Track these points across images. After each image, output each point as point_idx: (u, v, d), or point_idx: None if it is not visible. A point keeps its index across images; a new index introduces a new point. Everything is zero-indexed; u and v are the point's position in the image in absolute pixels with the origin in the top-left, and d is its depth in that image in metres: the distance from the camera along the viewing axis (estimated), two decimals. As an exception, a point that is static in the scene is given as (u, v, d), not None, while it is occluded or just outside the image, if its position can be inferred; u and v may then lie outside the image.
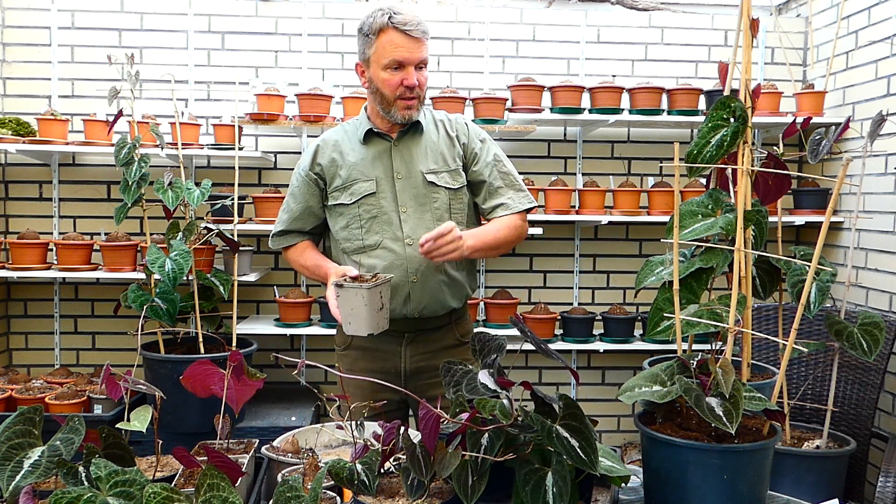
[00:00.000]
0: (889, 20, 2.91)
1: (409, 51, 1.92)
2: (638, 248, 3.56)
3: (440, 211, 2.01)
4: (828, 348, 2.45)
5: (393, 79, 1.94)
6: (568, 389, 3.57)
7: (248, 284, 3.27)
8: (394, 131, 2.04)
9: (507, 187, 2.08)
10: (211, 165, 3.38)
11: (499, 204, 2.07)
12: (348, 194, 2.02)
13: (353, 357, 2.10)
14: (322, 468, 1.17)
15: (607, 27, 3.48)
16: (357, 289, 1.74)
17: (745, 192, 1.33)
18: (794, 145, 3.51)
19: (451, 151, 2.05)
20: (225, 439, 1.46)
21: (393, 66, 1.93)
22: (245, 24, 3.36)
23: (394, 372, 2.06)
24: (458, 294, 2.07)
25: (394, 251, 1.98)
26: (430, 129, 2.07)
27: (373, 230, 2.00)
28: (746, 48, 1.34)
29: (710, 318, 1.32)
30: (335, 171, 2.05)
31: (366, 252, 2.01)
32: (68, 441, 1.16)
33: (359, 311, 1.75)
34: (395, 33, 1.92)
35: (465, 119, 2.14)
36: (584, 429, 1.15)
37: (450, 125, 2.10)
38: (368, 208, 2.00)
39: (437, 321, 2.06)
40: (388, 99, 1.97)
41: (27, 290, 3.36)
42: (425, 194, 2.01)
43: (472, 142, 2.09)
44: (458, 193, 2.04)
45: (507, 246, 2.09)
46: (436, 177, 2.01)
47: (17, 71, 3.29)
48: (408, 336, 2.05)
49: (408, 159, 2.02)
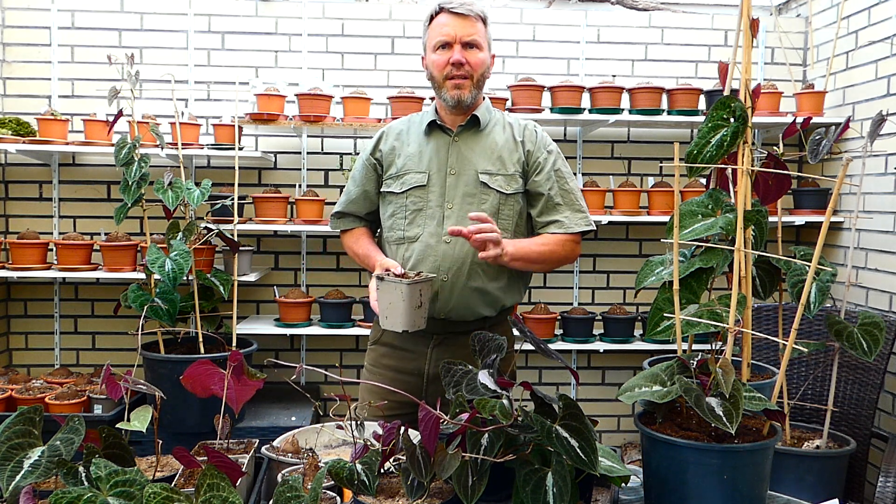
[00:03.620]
0: (889, 20, 2.91)
1: (454, 28, 1.93)
2: (638, 248, 3.56)
3: (486, 213, 1.92)
4: (828, 348, 2.45)
5: (441, 59, 1.94)
6: (568, 389, 3.57)
7: (248, 284, 3.27)
8: (454, 125, 2.01)
9: (565, 205, 2.00)
10: (211, 165, 3.39)
11: (553, 220, 1.99)
12: (399, 183, 2.00)
13: (381, 353, 2.08)
14: (322, 468, 1.17)
15: (607, 27, 3.48)
16: (397, 283, 1.74)
17: (745, 192, 1.33)
18: (794, 145, 3.51)
19: (511, 156, 1.99)
20: (225, 439, 1.45)
21: (440, 46, 1.94)
22: (245, 24, 3.36)
23: (417, 373, 2.02)
24: (490, 302, 1.98)
25: (430, 245, 1.95)
26: (495, 130, 2.03)
27: (415, 223, 1.97)
28: (746, 48, 1.34)
29: (710, 318, 1.32)
30: (393, 159, 2.03)
31: (404, 243, 1.98)
32: (68, 441, 1.16)
33: (396, 306, 1.75)
34: (443, 15, 1.95)
35: (536, 126, 2.07)
36: (583, 429, 1.15)
37: (518, 130, 2.04)
38: (415, 200, 1.98)
39: (466, 326, 1.96)
40: (438, 80, 1.96)
41: (27, 290, 3.36)
42: (475, 194, 1.95)
43: (539, 150, 2.01)
44: (509, 199, 1.97)
45: (553, 263, 2.01)
46: (489, 178, 1.96)
47: (17, 71, 3.29)
48: (436, 338, 2.00)
49: (465, 155, 1.98)
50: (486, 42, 1.99)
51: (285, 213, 3.16)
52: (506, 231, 1.97)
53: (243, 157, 3.15)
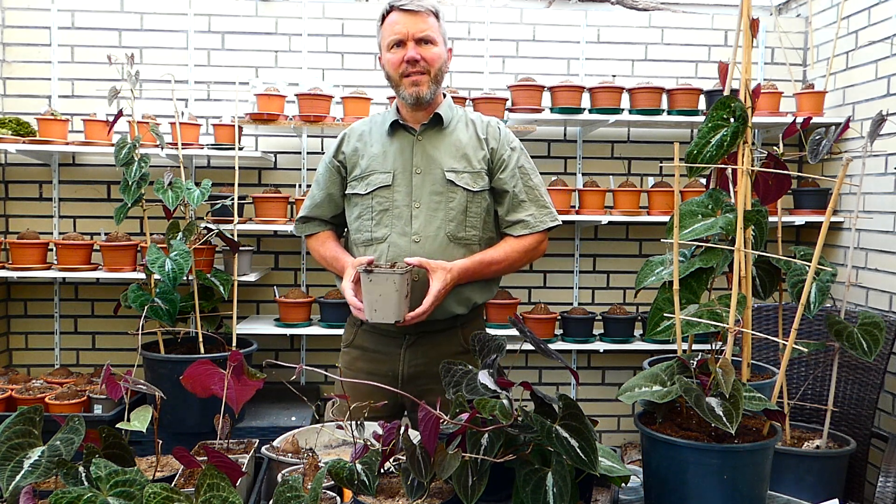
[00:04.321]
0: (889, 20, 2.91)
1: (406, 25, 1.91)
2: (638, 248, 3.56)
3: (455, 211, 1.95)
4: (828, 348, 2.45)
5: (395, 57, 1.93)
6: (568, 389, 3.57)
7: (248, 284, 3.27)
8: (417, 124, 2.00)
9: (530, 202, 2.01)
10: (211, 165, 3.39)
11: (519, 220, 2.00)
12: (364, 184, 1.98)
13: (353, 356, 2.06)
14: (322, 468, 1.17)
15: (607, 27, 3.48)
16: (389, 274, 1.74)
17: (745, 192, 1.33)
18: (794, 145, 3.51)
19: (476, 153, 1.99)
20: (225, 439, 1.45)
21: (394, 44, 1.92)
22: (245, 24, 3.36)
23: (391, 375, 2.00)
24: (462, 301, 1.98)
25: (399, 245, 1.94)
26: (458, 127, 2.02)
27: (382, 223, 1.96)
28: (746, 48, 1.34)
29: (710, 318, 1.32)
30: (356, 160, 2.02)
31: (373, 245, 1.97)
32: (68, 441, 1.16)
33: (388, 298, 1.75)
34: (394, 13, 1.93)
35: (499, 122, 2.07)
36: (583, 429, 1.15)
37: (482, 127, 2.03)
38: (381, 200, 1.96)
39: (439, 325, 1.98)
40: (395, 79, 1.95)
41: (27, 290, 3.36)
42: (442, 192, 1.95)
43: (503, 148, 2.01)
44: (476, 197, 1.97)
45: (510, 270, 2.04)
46: (456, 176, 1.95)
47: (17, 71, 3.29)
48: (409, 339, 1.99)
49: (430, 154, 1.97)
50: (440, 36, 1.97)
51: (285, 213, 3.16)
52: (474, 229, 1.97)
53: (243, 157, 3.15)
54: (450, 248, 1.94)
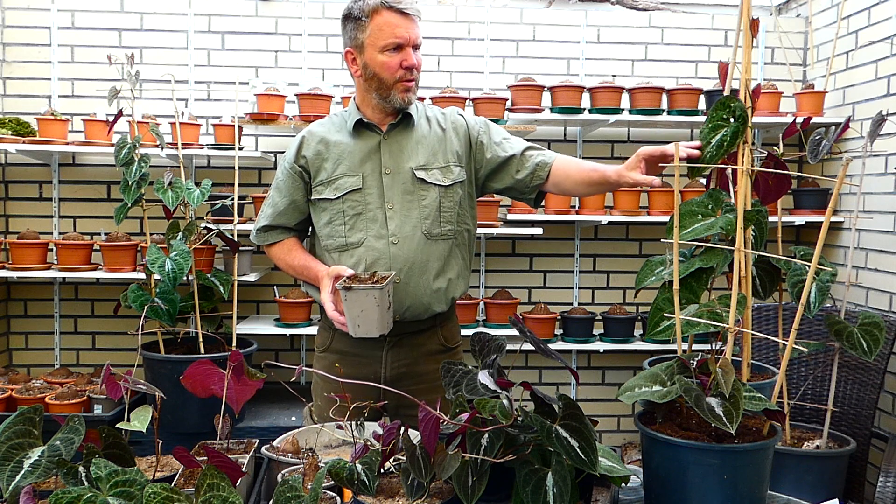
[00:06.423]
0: (889, 20, 2.91)
1: (407, 30, 1.85)
2: (638, 248, 3.56)
3: (428, 209, 1.91)
4: (828, 348, 2.45)
5: (392, 61, 1.85)
6: (568, 389, 3.57)
7: (248, 284, 3.27)
8: (384, 124, 1.95)
9: (531, 148, 1.98)
10: (211, 165, 3.39)
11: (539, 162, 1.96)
12: (333, 189, 1.91)
13: (332, 360, 1.99)
14: (322, 468, 1.17)
15: (607, 27, 3.48)
16: (369, 290, 1.66)
17: (745, 192, 1.33)
18: (794, 145, 3.51)
19: (442, 146, 1.95)
20: (225, 439, 1.46)
21: (392, 48, 1.85)
22: (245, 24, 3.36)
23: (374, 378, 1.93)
24: (442, 297, 1.95)
25: (377, 249, 1.88)
26: (421, 124, 1.98)
27: (357, 227, 1.90)
28: (746, 48, 1.34)
29: (710, 318, 1.32)
30: (320, 164, 1.93)
31: (348, 250, 1.90)
32: (68, 441, 1.16)
33: (370, 313, 1.68)
34: (390, 13, 1.84)
35: (457, 110, 2.04)
36: (583, 429, 1.15)
37: (444, 120, 2.00)
38: (353, 204, 1.90)
39: (420, 325, 1.95)
40: (388, 83, 1.88)
41: (27, 290, 3.36)
42: (413, 191, 1.90)
43: (473, 129, 1.99)
44: (448, 191, 1.93)
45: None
46: (426, 173, 1.91)
47: (17, 71, 3.29)
48: (389, 340, 1.93)
49: (397, 154, 1.92)
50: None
51: (285, 213, 3.16)
52: (449, 223, 1.93)
53: (243, 157, 3.15)
54: (427, 245, 1.90)
